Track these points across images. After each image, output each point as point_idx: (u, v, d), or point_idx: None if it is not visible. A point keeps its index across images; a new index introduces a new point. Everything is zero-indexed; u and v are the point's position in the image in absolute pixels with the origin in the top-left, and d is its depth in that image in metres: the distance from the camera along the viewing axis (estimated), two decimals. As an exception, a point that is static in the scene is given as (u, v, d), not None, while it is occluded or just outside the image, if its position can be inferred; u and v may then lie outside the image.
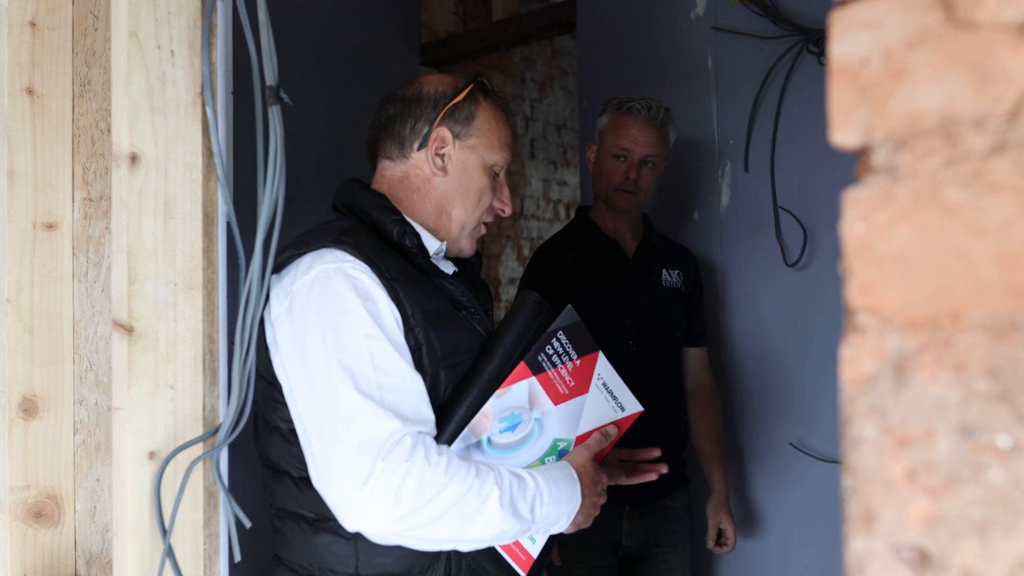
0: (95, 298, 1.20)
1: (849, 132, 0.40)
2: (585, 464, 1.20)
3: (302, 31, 2.82)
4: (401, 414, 1.05)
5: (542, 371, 1.20)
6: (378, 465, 1.00)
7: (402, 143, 1.25)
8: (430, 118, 1.24)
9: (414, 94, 1.26)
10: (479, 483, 1.06)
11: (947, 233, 0.36)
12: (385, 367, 1.06)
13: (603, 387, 1.27)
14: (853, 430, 0.39)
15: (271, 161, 1.00)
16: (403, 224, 1.19)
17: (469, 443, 1.15)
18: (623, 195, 2.04)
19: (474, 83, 1.27)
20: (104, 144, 1.19)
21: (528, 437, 1.20)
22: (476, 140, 1.26)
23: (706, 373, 2.23)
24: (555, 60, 5.38)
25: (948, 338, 0.36)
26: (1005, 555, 0.34)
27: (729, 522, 2.12)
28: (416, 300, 1.12)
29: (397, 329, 1.10)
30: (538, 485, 1.12)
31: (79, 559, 1.20)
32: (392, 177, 1.27)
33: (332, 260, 1.10)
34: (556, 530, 1.17)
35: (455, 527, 1.05)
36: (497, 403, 1.17)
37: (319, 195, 2.82)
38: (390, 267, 1.12)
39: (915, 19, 0.37)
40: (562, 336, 1.22)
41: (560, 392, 1.22)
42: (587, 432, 1.26)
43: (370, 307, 1.08)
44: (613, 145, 2.04)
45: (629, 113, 2.03)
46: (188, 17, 1.04)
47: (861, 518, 0.38)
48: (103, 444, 1.20)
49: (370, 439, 1.01)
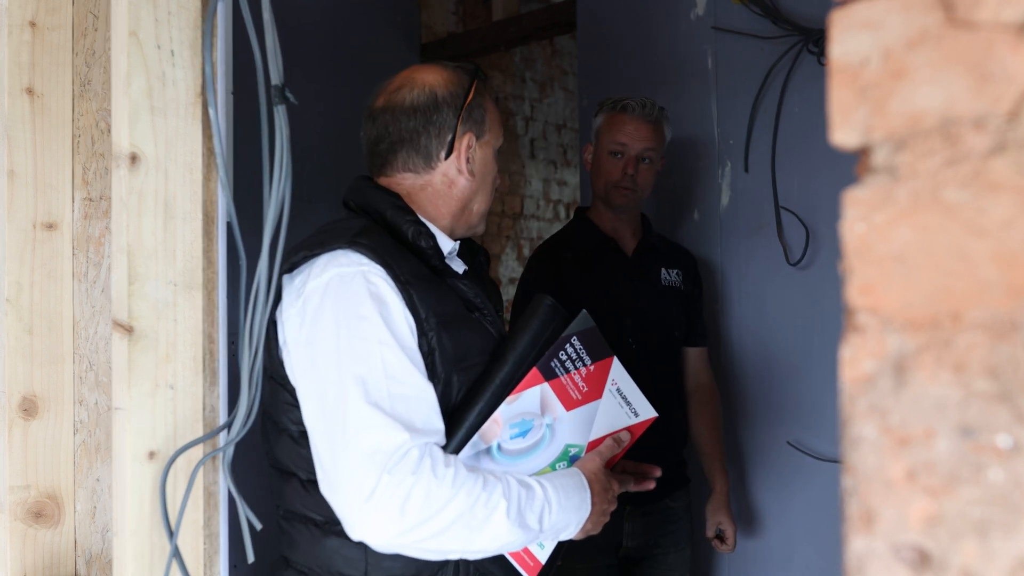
0: (95, 298, 1.20)
1: (849, 132, 0.40)
2: (596, 471, 1.19)
3: (302, 31, 2.82)
4: (411, 424, 1.04)
5: (555, 377, 1.19)
6: (384, 478, 1.00)
7: (428, 155, 1.22)
8: (452, 124, 1.21)
9: (430, 102, 1.21)
10: (486, 495, 1.05)
11: (947, 233, 0.36)
12: (397, 375, 1.05)
13: (617, 392, 1.25)
14: (853, 430, 0.39)
15: (277, 161, 1.00)
16: (418, 224, 1.18)
17: (479, 450, 1.14)
18: (621, 192, 2.04)
19: (478, 79, 1.26)
20: (104, 144, 1.19)
21: (539, 443, 1.19)
22: (489, 135, 1.26)
23: (706, 373, 2.23)
24: (555, 60, 5.38)
25: (948, 338, 0.36)
26: (1005, 555, 0.34)
27: (729, 522, 2.12)
28: (430, 303, 1.12)
29: (411, 335, 1.09)
30: (547, 494, 1.11)
31: (79, 559, 1.20)
32: (413, 186, 1.24)
33: (347, 263, 1.09)
34: (565, 537, 1.16)
35: (460, 539, 1.04)
36: (508, 409, 1.15)
37: (320, 195, 2.82)
38: (404, 269, 1.11)
39: (915, 19, 0.37)
40: (576, 341, 1.21)
41: (573, 398, 1.21)
42: (600, 438, 1.24)
43: (384, 312, 1.07)
44: (610, 142, 2.05)
45: (624, 111, 2.04)
46: (188, 17, 1.04)
47: (861, 518, 0.38)
48: (103, 444, 1.20)
49: (377, 451, 1.01)
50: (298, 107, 1.01)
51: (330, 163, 2.86)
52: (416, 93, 1.22)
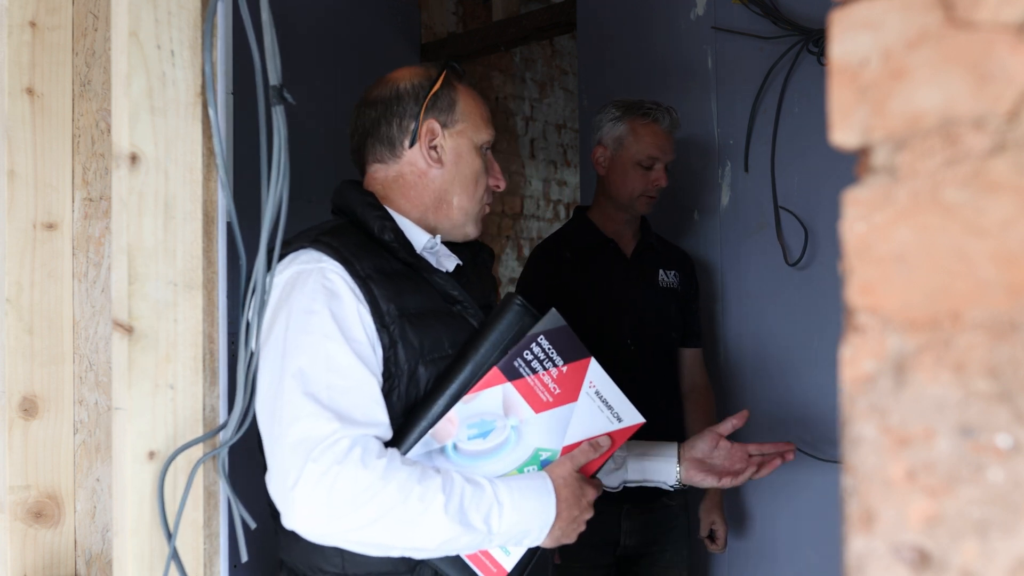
0: (95, 298, 1.20)
1: (849, 132, 0.40)
2: (566, 476, 1.15)
3: (302, 31, 2.82)
4: (347, 416, 1.04)
5: (519, 377, 1.14)
6: (308, 467, 1.00)
7: (392, 144, 1.25)
8: (415, 113, 1.23)
9: (391, 93, 1.25)
10: (421, 489, 1.03)
11: (947, 233, 0.36)
12: (339, 368, 1.06)
13: (595, 395, 1.20)
14: (853, 430, 0.39)
15: (275, 161, 1.00)
16: (384, 219, 1.19)
17: (431, 449, 1.11)
18: (649, 201, 2.07)
19: (447, 69, 1.27)
20: (104, 144, 1.19)
21: (502, 445, 1.15)
22: (463, 124, 1.26)
23: (701, 374, 2.24)
24: (555, 60, 5.38)
25: (948, 338, 0.36)
26: (1005, 555, 0.34)
27: (721, 523, 2.14)
28: (392, 297, 1.12)
29: (361, 329, 1.09)
30: (498, 495, 1.09)
31: (79, 559, 1.20)
32: (385, 178, 1.27)
33: (307, 260, 1.12)
34: (530, 543, 1.13)
35: (393, 533, 1.03)
36: (464, 408, 1.12)
37: (319, 195, 2.81)
38: (366, 265, 1.13)
39: (915, 19, 0.37)
40: (544, 341, 1.16)
41: (542, 399, 1.16)
42: (576, 443, 1.19)
43: (335, 308, 1.08)
44: (639, 153, 2.05)
45: (654, 121, 2.05)
46: (188, 17, 1.04)
47: (861, 518, 0.38)
48: (103, 444, 1.20)
49: (306, 439, 1.02)
50: (297, 107, 1.01)
51: (329, 164, 2.86)
52: (381, 88, 1.28)
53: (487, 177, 1.29)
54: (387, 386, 1.12)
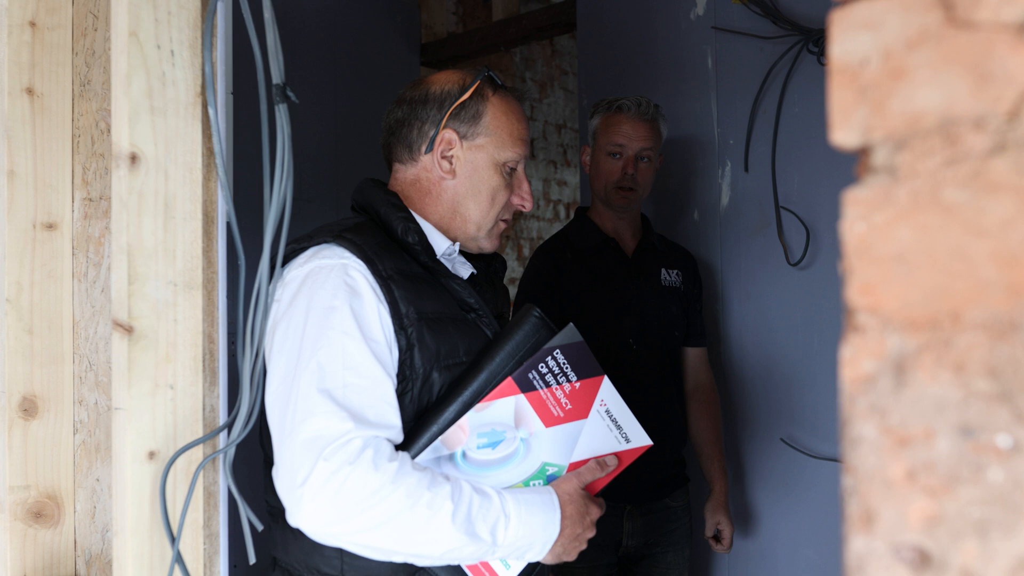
0: (95, 298, 1.20)
1: (849, 132, 0.40)
2: (572, 493, 1.14)
3: (302, 31, 2.82)
4: (360, 416, 1.03)
5: (532, 389, 1.14)
6: (319, 465, 0.99)
7: (410, 147, 1.25)
8: (436, 120, 1.23)
9: (420, 95, 1.25)
10: (430, 495, 1.02)
11: (947, 233, 0.36)
12: (356, 366, 1.05)
13: (606, 414, 1.19)
14: (853, 430, 0.39)
15: (279, 160, 1.00)
16: (408, 221, 1.18)
17: (440, 455, 1.10)
18: (622, 192, 2.06)
19: (482, 79, 1.25)
20: (104, 144, 1.19)
21: (511, 456, 1.14)
22: (485, 139, 1.23)
23: (705, 373, 2.23)
24: (555, 60, 5.38)
25: (948, 338, 0.36)
26: (1005, 555, 0.34)
27: (727, 523, 2.12)
28: (412, 299, 1.12)
29: (380, 329, 1.08)
30: (505, 507, 1.07)
31: (79, 559, 1.20)
32: (405, 179, 1.27)
33: (329, 255, 1.10)
34: (532, 558, 1.12)
35: (399, 538, 1.01)
36: (476, 417, 1.11)
37: (319, 195, 2.82)
38: (388, 266, 1.12)
39: (915, 19, 0.37)
40: (559, 355, 1.15)
41: (554, 414, 1.15)
42: (583, 460, 1.18)
43: (355, 305, 1.07)
44: (607, 143, 2.05)
45: (620, 111, 2.05)
46: (188, 17, 1.04)
47: (861, 518, 0.38)
48: (103, 444, 1.20)
49: (319, 437, 1.00)
50: (297, 106, 1.01)
51: (329, 163, 2.86)
52: (415, 88, 1.27)
53: (508, 194, 1.26)
54: (400, 388, 1.11)
